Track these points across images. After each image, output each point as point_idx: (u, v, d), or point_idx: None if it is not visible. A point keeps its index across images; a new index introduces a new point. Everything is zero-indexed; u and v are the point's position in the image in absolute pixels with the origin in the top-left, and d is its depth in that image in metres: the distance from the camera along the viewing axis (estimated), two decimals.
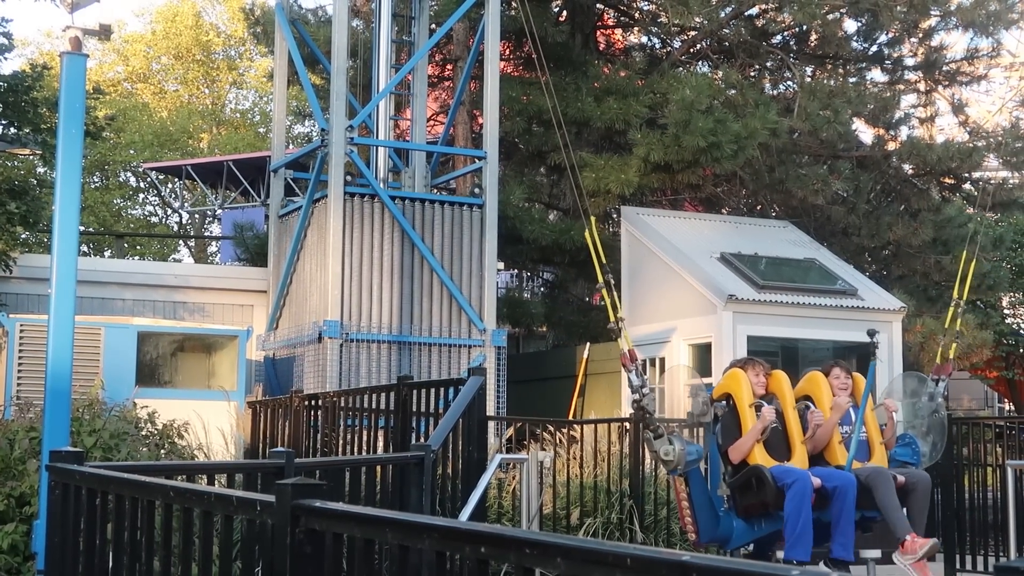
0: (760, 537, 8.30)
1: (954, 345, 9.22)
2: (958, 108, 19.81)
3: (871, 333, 8.52)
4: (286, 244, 16.33)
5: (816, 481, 7.94)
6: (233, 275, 18.03)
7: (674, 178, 17.22)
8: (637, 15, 20.78)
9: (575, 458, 11.89)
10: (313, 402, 11.21)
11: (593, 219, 8.85)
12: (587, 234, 8.58)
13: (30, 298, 15.71)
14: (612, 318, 8.35)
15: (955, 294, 9.38)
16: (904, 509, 8.08)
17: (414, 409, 9.37)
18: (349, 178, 14.99)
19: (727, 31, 18.92)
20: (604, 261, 8.42)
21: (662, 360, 14.78)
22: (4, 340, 13.57)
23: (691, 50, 19.77)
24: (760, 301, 14.11)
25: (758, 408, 8.25)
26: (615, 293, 8.25)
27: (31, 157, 20.02)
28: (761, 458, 8.14)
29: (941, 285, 18.81)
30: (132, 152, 40.29)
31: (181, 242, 42.83)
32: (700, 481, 8.31)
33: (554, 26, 18.38)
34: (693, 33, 19.34)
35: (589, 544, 2.81)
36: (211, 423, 12.01)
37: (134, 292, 16.61)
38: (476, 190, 15.88)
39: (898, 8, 18.16)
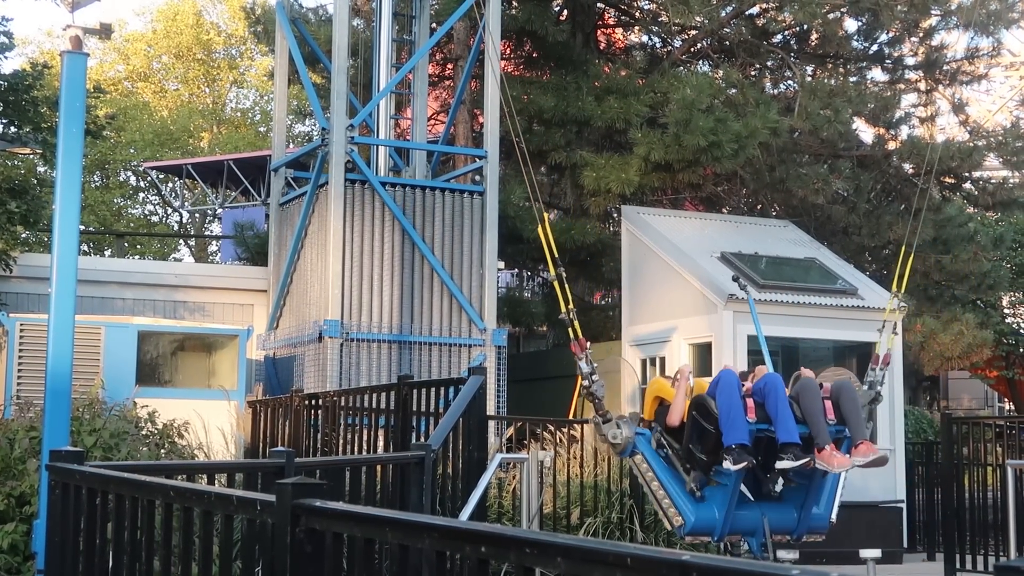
0: (742, 515, 8.40)
1: (892, 337, 9.41)
2: (958, 107, 19.80)
3: (735, 278, 8.99)
4: (286, 237, 16.32)
5: (747, 385, 8.39)
6: (233, 274, 18.03)
7: (675, 177, 17.21)
8: (638, 14, 20.77)
9: (575, 457, 11.90)
10: (313, 401, 11.22)
11: (547, 216, 9.17)
12: (539, 230, 8.92)
13: (30, 297, 15.71)
14: (563, 309, 8.69)
15: (893, 287, 9.60)
16: (845, 419, 8.41)
17: (414, 408, 9.38)
18: (351, 163, 14.99)
19: (728, 30, 18.91)
20: (556, 255, 8.74)
21: (662, 360, 14.78)
22: (4, 339, 13.57)
23: (692, 49, 19.77)
24: (760, 300, 14.09)
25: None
26: (566, 286, 8.59)
27: (31, 156, 20.01)
28: None
29: (942, 285, 18.82)
30: (132, 151, 40.29)
31: (181, 241, 42.84)
32: (655, 453, 8.58)
33: (554, 25, 18.37)
34: (694, 32, 19.33)
35: (589, 544, 2.81)
36: (211, 423, 12.01)
37: (134, 291, 16.61)
38: (476, 177, 15.86)
39: (898, 7, 18.15)
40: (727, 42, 19.16)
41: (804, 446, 8.19)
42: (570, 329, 8.69)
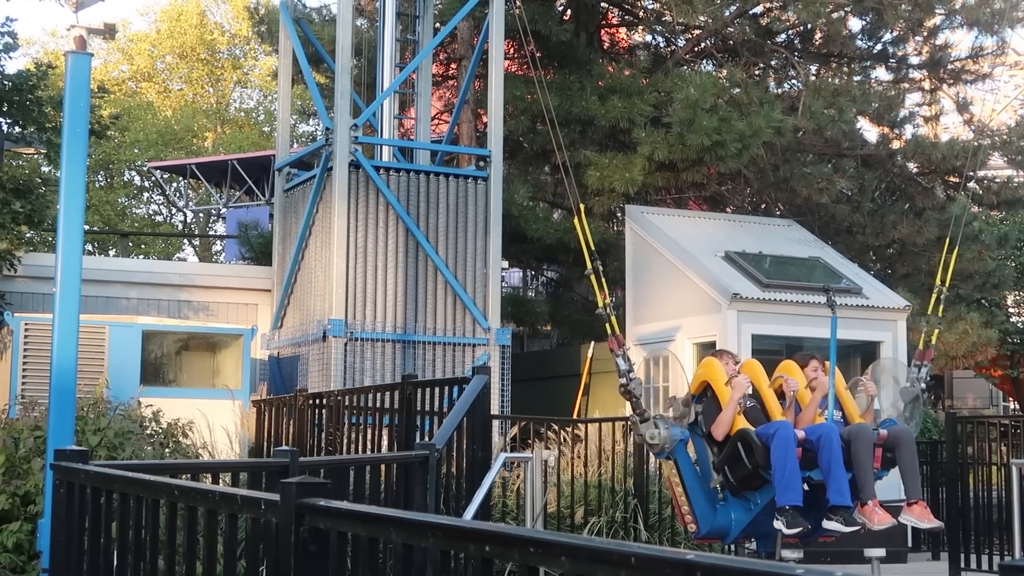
0: (759, 521, 8.29)
1: (936, 331, 9.25)
2: (963, 106, 19.78)
3: (827, 288, 8.83)
4: (291, 226, 16.31)
5: (800, 433, 8.01)
6: (237, 274, 18.04)
7: (678, 177, 17.20)
8: (641, 14, 20.76)
9: (579, 457, 11.90)
10: (317, 401, 11.22)
11: (582, 208, 8.99)
12: (575, 221, 8.73)
13: (35, 297, 15.73)
14: (600, 304, 8.48)
15: (937, 280, 9.45)
16: (897, 468, 8.15)
17: (418, 408, 9.38)
18: (355, 163, 14.98)
19: (731, 29, 18.90)
20: (593, 248, 8.52)
21: (666, 359, 14.76)
22: (9, 339, 13.58)
23: (695, 49, 19.76)
24: (765, 300, 14.09)
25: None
26: (603, 279, 8.41)
27: (36, 156, 20.04)
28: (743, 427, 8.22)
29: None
30: (136, 151, 40.31)
31: (185, 241, 42.86)
32: (689, 463, 8.40)
33: (558, 25, 18.37)
34: (697, 32, 19.32)
35: (593, 543, 2.81)
36: (215, 422, 12.02)
37: (139, 291, 16.62)
38: (480, 162, 15.84)
39: (902, 6, 18.13)
40: (731, 41, 19.15)
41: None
42: (607, 324, 8.52)
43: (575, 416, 15.98)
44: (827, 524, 7.88)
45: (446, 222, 15.43)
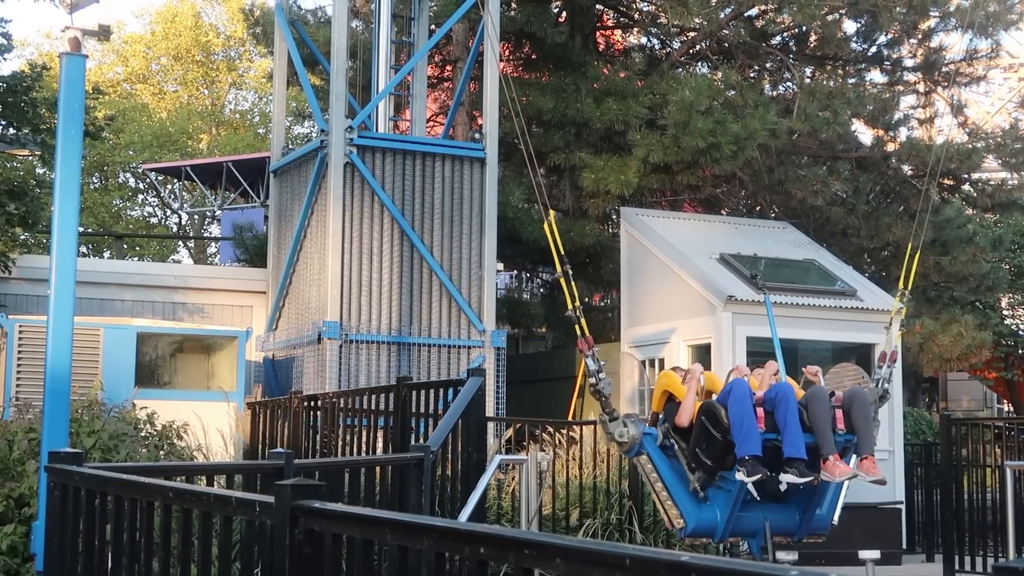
0: (743, 516, 8.38)
1: (899, 334, 9.41)
2: (957, 109, 19.81)
3: (753, 275, 9.16)
4: (287, 204, 16.29)
5: (758, 393, 8.32)
6: (232, 276, 18.02)
7: (673, 179, 17.21)
8: (637, 16, 20.77)
9: (574, 459, 11.91)
10: (312, 403, 11.22)
11: (552, 213, 9.12)
12: (545, 226, 8.87)
13: (29, 299, 15.71)
14: (569, 306, 8.64)
15: (900, 284, 9.62)
16: (855, 430, 8.40)
17: (413, 410, 9.38)
18: (349, 164, 14.97)
19: (727, 32, 18.91)
20: (563, 253, 8.69)
21: (661, 361, 14.77)
22: (3, 341, 13.55)
23: (690, 51, 19.77)
24: (759, 302, 14.09)
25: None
26: (572, 283, 8.56)
27: (30, 158, 20.00)
28: None
29: (940, 286, 18.82)
30: (131, 153, 40.26)
31: (180, 243, 42.82)
32: (662, 456, 8.57)
33: (553, 27, 18.38)
34: (692, 34, 19.33)
35: (588, 545, 2.81)
36: (210, 424, 12.01)
37: (133, 293, 16.60)
38: (476, 135, 15.80)
39: (897, 9, 18.15)
40: (726, 44, 19.17)
41: (810, 459, 8.15)
42: (576, 326, 8.65)
43: (570, 418, 15.98)
44: (783, 476, 8.09)
45: (441, 220, 15.41)
